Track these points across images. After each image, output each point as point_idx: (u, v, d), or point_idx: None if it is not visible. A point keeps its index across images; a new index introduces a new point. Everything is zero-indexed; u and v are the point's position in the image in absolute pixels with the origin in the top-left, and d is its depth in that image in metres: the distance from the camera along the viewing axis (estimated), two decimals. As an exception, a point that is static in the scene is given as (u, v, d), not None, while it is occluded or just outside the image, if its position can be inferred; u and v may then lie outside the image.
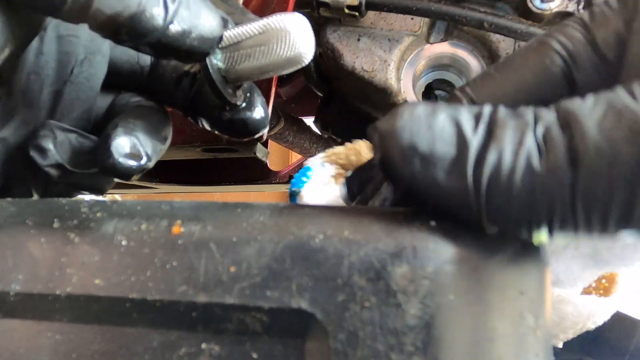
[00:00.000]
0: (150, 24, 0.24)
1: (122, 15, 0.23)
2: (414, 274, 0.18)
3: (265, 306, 0.19)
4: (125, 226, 0.21)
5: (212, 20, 0.26)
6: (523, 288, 0.20)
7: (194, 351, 0.19)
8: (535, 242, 0.19)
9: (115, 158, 0.28)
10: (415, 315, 0.18)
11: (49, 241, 0.21)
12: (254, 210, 0.21)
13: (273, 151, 0.83)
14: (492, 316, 0.19)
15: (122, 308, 0.20)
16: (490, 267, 0.19)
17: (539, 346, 0.20)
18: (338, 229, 0.19)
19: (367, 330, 0.18)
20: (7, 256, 0.21)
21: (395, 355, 0.17)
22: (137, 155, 0.29)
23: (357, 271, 0.18)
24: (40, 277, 0.20)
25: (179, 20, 0.24)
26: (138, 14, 0.24)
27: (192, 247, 0.20)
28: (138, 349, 0.20)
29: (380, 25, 0.61)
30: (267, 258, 0.19)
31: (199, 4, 0.26)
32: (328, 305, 0.18)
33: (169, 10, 0.24)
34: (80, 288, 0.20)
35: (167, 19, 0.24)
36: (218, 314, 0.19)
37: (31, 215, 0.22)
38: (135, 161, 0.29)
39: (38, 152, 0.30)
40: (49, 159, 0.30)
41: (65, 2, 0.23)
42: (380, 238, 0.19)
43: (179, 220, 0.21)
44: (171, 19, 0.24)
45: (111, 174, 0.29)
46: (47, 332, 0.20)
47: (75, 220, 0.21)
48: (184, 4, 0.25)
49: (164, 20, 0.24)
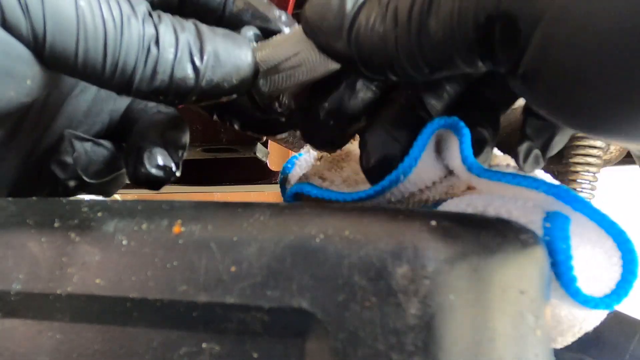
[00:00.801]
0: (186, 87, 0.26)
1: (160, 88, 0.26)
2: (415, 274, 0.18)
3: (265, 306, 0.19)
4: (126, 226, 0.21)
5: (244, 59, 0.27)
6: (523, 288, 0.20)
7: (195, 351, 0.19)
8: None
9: (148, 169, 0.30)
10: (415, 315, 0.18)
11: (50, 241, 0.21)
12: (255, 210, 0.21)
13: (273, 151, 0.83)
14: (492, 316, 0.19)
15: (123, 307, 0.20)
16: (490, 267, 0.19)
17: (539, 346, 0.20)
18: (338, 229, 0.19)
19: (368, 329, 0.18)
20: (7, 256, 0.21)
21: (396, 355, 0.17)
22: (168, 166, 0.31)
23: (357, 271, 0.18)
24: (41, 277, 0.20)
25: (210, 75, 0.26)
26: (173, 83, 0.26)
27: (193, 247, 0.20)
28: (139, 349, 0.20)
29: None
30: (267, 258, 0.19)
31: (228, 46, 0.27)
32: (328, 305, 0.18)
33: (199, 71, 0.26)
34: (81, 287, 0.20)
35: (199, 80, 0.26)
36: (218, 313, 0.19)
37: (32, 215, 0.22)
38: (166, 172, 0.31)
39: (60, 167, 0.32)
40: (69, 172, 0.32)
41: (131, 88, 0.26)
42: (381, 238, 0.19)
43: (180, 220, 0.21)
44: (202, 77, 0.26)
45: (143, 184, 0.30)
46: (48, 331, 0.20)
47: (76, 220, 0.22)
48: (212, 58, 0.26)
49: (196, 82, 0.26)
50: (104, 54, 0.24)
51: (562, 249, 0.22)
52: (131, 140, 0.32)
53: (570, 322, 0.25)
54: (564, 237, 0.22)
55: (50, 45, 0.24)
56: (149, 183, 0.31)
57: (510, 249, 0.20)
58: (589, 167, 0.48)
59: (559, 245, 0.22)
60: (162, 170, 0.31)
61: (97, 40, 0.24)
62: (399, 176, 0.26)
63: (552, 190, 0.23)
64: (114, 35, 0.24)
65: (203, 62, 0.26)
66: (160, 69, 0.25)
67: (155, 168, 0.30)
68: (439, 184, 0.29)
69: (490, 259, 0.19)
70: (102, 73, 0.25)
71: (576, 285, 0.22)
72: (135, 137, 0.32)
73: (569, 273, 0.22)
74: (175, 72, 0.25)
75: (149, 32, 0.25)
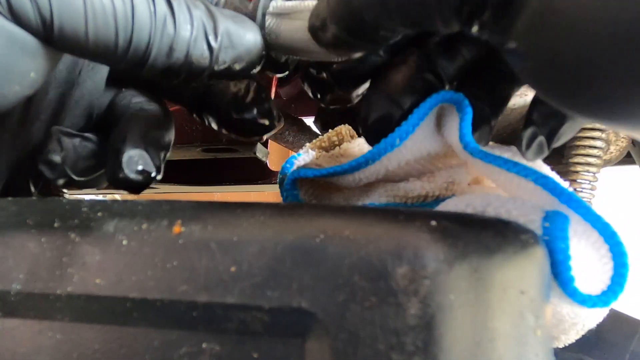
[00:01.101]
0: (200, 67, 0.26)
1: (175, 67, 0.26)
2: (415, 274, 0.18)
3: (265, 306, 0.19)
4: (126, 226, 0.21)
5: (255, 41, 0.27)
6: (523, 288, 0.20)
7: (195, 351, 0.19)
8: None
9: (126, 174, 0.29)
10: (415, 315, 0.18)
11: (50, 241, 0.21)
12: (255, 209, 0.21)
13: (273, 151, 0.83)
14: (492, 316, 0.19)
15: (123, 308, 0.20)
16: (490, 267, 0.19)
17: (539, 346, 0.20)
18: (339, 229, 0.19)
19: (368, 329, 0.18)
20: (7, 255, 0.21)
21: (396, 355, 0.17)
22: (147, 170, 0.30)
23: (357, 271, 0.18)
24: (41, 277, 0.20)
25: (223, 56, 0.26)
26: (188, 63, 0.26)
27: (193, 247, 0.20)
28: (139, 349, 0.20)
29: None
30: (267, 258, 0.19)
31: (238, 28, 0.27)
32: (329, 305, 0.18)
33: (214, 50, 0.26)
34: (81, 287, 0.20)
35: (212, 60, 0.26)
36: (219, 313, 0.19)
37: (32, 215, 0.22)
38: (145, 175, 0.30)
39: (47, 167, 0.31)
40: (57, 172, 0.31)
41: (144, 65, 0.25)
42: (381, 238, 0.19)
43: (180, 220, 0.21)
44: (216, 58, 0.26)
45: (122, 187, 0.29)
46: (48, 331, 0.20)
47: (76, 220, 0.22)
48: (225, 38, 0.26)
49: (210, 62, 0.26)
50: (116, 32, 0.24)
51: (561, 249, 0.22)
52: (111, 140, 0.31)
53: (572, 320, 0.25)
54: (564, 237, 0.22)
55: (58, 27, 0.23)
56: (128, 188, 0.30)
57: (511, 249, 0.20)
58: (589, 167, 0.48)
59: (558, 245, 0.22)
60: (141, 174, 0.30)
61: (106, 18, 0.24)
62: (394, 139, 0.26)
63: (541, 180, 0.23)
64: (124, 12, 0.24)
65: (217, 42, 0.26)
66: (177, 47, 0.25)
67: (134, 173, 0.29)
68: (438, 177, 0.29)
69: (490, 259, 0.19)
70: (115, 51, 0.24)
71: (574, 285, 0.22)
72: (116, 138, 0.31)
73: (567, 273, 0.22)
74: (192, 51, 0.25)
75: (162, 8, 0.25)
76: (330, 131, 0.39)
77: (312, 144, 0.38)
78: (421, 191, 0.29)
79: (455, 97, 0.25)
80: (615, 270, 0.23)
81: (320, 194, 0.33)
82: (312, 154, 0.37)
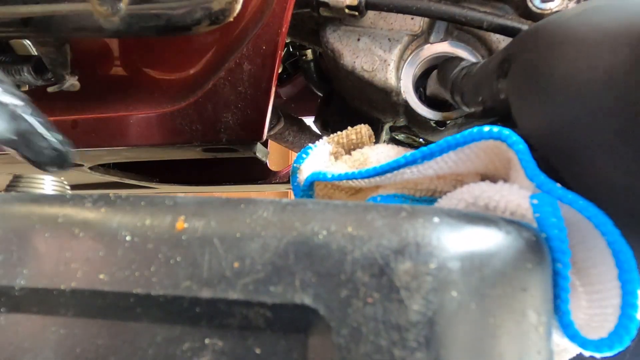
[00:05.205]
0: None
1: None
2: (417, 271, 0.18)
3: (268, 302, 0.19)
4: (130, 221, 0.21)
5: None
6: (525, 285, 0.20)
7: (198, 346, 0.19)
8: None
9: None
10: (418, 312, 0.18)
11: (54, 236, 0.21)
12: (258, 206, 0.21)
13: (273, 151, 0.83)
14: (494, 313, 0.19)
15: (126, 303, 0.20)
16: (492, 265, 0.19)
17: (541, 343, 0.20)
18: (341, 225, 0.19)
19: (370, 325, 0.18)
20: (12, 251, 0.21)
21: (398, 351, 0.17)
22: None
23: (360, 267, 0.18)
24: (45, 272, 0.20)
25: None
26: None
27: (196, 243, 0.20)
28: (142, 344, 0.20)
29: (380, 25, 0.61)
30: (270, 254, 0.19)
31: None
32: (331, 301, 0.18)
33: None
34: (85, 283, 0.20)
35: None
36: (221, 309, 0.19)
37: (36, 210, 0.22)
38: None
39: None
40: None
41: None
42: (384, 234, 0.19)
43: (183, 216, 0.21)
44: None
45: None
46: (52, 326, 0.20)
47: (79, 216, 0.22)
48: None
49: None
50: None
51: (556, 235, 0.22)
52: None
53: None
54: (556, 216, 0.22)
55: None
56: None
57: (513, 246, 0.20)
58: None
59: (550, 228, 0.22)
60: None
61: None
62: (416, 158, 0.27)
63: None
64: None
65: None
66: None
67: None
68: (448, 175, 0.29)
69: (492, 256, 0.19)
70: None
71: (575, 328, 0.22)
72: None
73: (567, 317, 0.22)
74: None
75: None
76: (349, 129, 0.39)
77: (330, 138, 0.39)
78: (430, 185, 0.29)
79: (502, 135, 0.24)
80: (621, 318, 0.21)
81: (333, 194, 0.34)
82: (329, 148, 0.38)
